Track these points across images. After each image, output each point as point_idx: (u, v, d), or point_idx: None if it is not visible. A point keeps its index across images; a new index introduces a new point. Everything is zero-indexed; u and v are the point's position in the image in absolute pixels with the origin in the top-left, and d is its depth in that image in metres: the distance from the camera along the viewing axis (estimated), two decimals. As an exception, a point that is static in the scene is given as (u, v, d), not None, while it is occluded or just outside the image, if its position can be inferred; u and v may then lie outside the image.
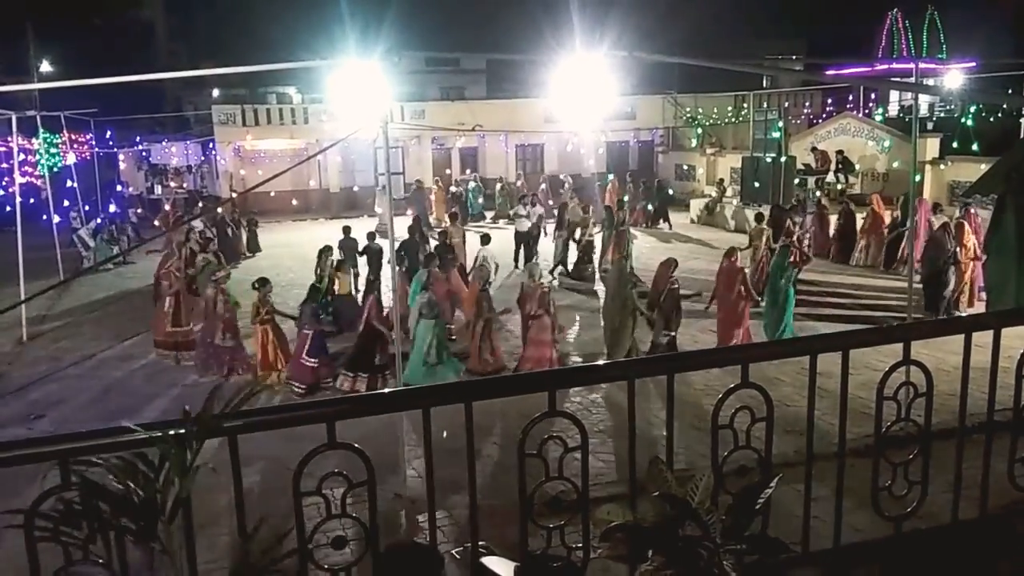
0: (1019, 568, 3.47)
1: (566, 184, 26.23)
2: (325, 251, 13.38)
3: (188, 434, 2.28)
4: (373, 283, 11.97)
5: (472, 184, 27.64)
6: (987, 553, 3.49)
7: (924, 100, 29.35)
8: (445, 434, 2.85)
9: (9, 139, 16.13)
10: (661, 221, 23.79)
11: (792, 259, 12.43)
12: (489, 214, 26.86)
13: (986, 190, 13.56)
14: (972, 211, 14.65)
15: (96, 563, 2.32)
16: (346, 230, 16.10)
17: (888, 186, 20.72)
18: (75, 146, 24.09)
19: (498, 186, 27.88)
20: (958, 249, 13.08)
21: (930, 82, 24.24)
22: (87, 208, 21.89)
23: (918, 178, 14.14)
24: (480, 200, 27.41)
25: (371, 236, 15.13)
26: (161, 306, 12.43)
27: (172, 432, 2.30)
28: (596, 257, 17.13)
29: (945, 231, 13.32)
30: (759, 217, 15.87)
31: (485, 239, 13.61)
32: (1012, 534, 3.58)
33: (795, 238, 14.83)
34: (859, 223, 17.77)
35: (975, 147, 20.00)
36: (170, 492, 2.25)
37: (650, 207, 24.48)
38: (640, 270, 15.54)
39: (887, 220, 17.12)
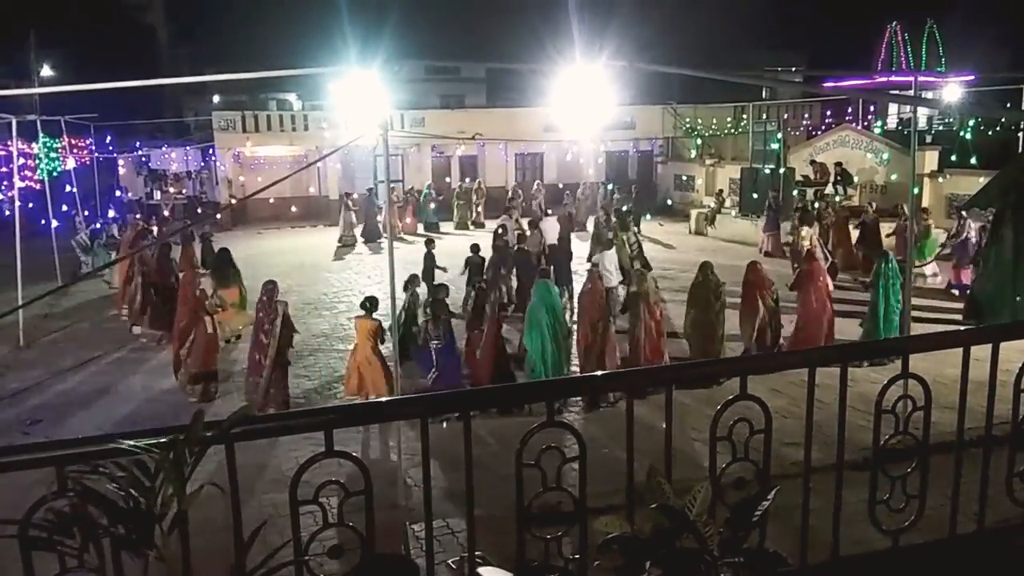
0: (1017, 583, 3.46)
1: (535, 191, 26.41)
2: (412, 280, 12.15)
3: (184, 442, 2.27)
4: (485, 293, 11.48)
5: (425, 191, 26.79)
6: (985, 567, 3.48)
7: (923, 113, 29.44)
8: (445, 424, 2.84)
9: (9, 143, 16.13)
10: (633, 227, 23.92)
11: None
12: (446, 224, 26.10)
13: (984, 204, 13.63)
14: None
15: (91, 571, 2.31)
16: (429, 243, 14.98)
17: (886, 199, 20.78)
18: (75, 151, 24.10)
19: (455, 192, 27.04)
20: None
21: (929, 95, 24.33)
22: (86, 213, 21.90)
23: (916, 191, 14.22)
24: (432, 207, 26.43)
25: (475, 248, 14.54)
26: (203, 330, 10.92)
27: (167, 440, 2.29)
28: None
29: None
30: (804, 218, 16.69)
31: (606, 244, 14.16)
32: (1010, 548, 3.57)
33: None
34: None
35: (974, 160, 20.07)
36: (170, 502, 2.24)
37: (649, 216, 24.51)
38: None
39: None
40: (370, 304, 10.20)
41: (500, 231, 15.78)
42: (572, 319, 12.26)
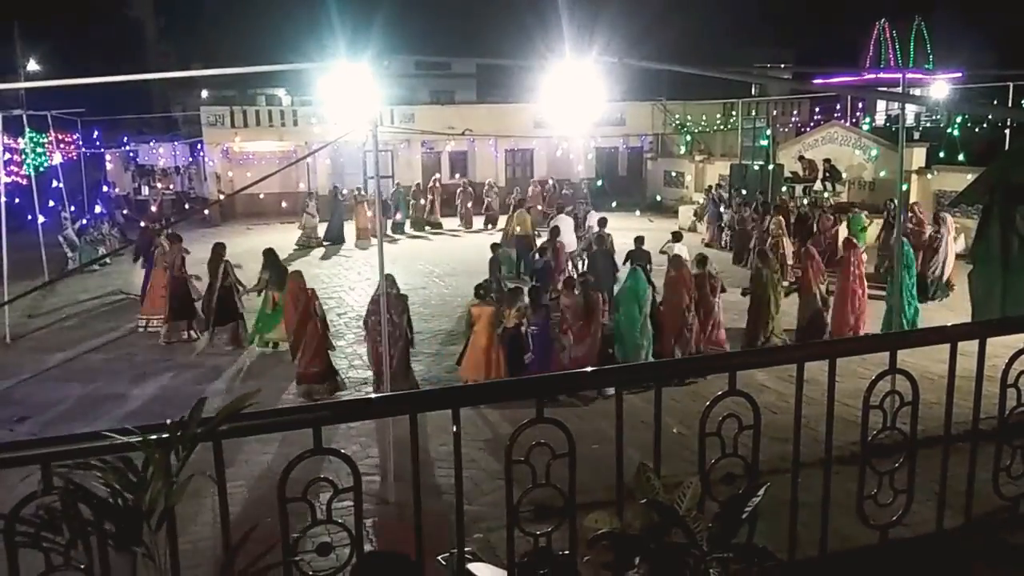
0: (1002, 576, 3.49)
1: (490, 190, 26.44)
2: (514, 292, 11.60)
3: (172, 439, 2.26)
4: (593, 283, 11.47)
5: (395, 191, 25.90)
6: (971, 561, 3.51)
7: (911, 110, 29.59)
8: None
9: (-5, 138, 15.98)
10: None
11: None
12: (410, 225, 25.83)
13: (971, 200, 13.75)
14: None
15: (78, 569, 2.29)
16: (495, 248, 14.46)
17: (874, 195, 20.87)
18: (62, 146, 23.88)
19: (411, 191, 26.62)
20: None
21: (917, 92, 24.44)
22: (73, 209, 21.76)
23: (904, 187, 14.36)
24: (412, 204, 26.23)
25: (543, 251, 14.36)
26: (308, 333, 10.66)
27: (156, 437, 2.27)
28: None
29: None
30: (772, 209, 17.51)
31: (677, 236, 14.55)
32: (996, 542, 3.60)
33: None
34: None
35: (961, 157, 20.21)
36: (158, 498, 2.22)
37: (638, 211, 24.60)
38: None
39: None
40: (484, 291, 10.65)
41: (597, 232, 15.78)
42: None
